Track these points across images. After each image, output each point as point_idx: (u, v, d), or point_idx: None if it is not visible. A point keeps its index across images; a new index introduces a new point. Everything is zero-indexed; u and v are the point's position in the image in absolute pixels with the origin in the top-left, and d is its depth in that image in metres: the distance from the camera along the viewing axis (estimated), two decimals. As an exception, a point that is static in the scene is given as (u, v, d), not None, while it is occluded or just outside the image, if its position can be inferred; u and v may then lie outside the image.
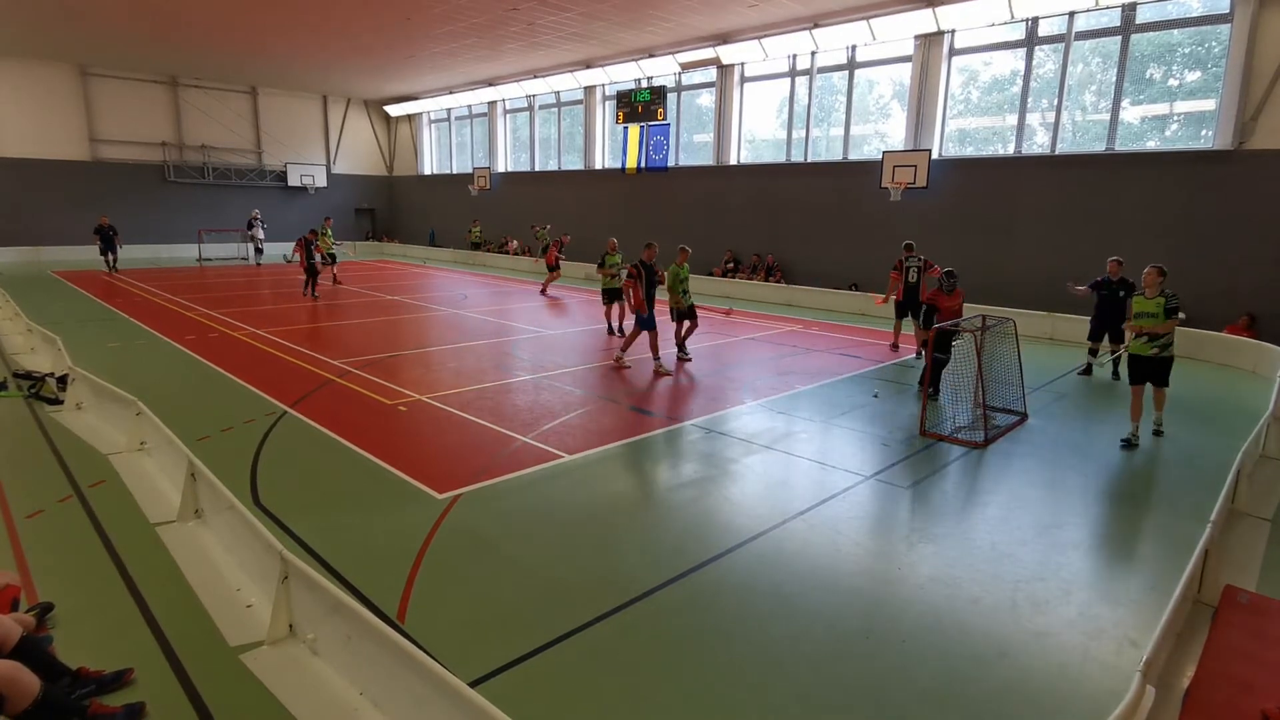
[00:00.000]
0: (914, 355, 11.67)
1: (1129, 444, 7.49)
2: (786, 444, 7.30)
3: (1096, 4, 13.66)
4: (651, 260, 10.31)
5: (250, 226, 25.74)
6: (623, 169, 23.26)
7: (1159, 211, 13.46)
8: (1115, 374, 10.48)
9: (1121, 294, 10.08)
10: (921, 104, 16.45)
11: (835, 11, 16.42)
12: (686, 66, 20.60)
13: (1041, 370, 10.68)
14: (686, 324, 10.84)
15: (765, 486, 6.30)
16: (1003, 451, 7.22)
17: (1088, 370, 10.71)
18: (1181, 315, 7.68)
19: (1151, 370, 7.59)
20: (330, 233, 19.85)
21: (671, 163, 22.10)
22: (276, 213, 30.51)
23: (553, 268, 19.04)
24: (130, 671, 3.54)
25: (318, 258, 17.35)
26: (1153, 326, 7.37)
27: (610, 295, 12.90)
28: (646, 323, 10.21)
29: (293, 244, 21.76)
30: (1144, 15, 13.58)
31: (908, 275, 11.72)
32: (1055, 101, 14.80)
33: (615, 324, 13.03)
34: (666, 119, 21.73)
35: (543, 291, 18.90)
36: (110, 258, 21.73)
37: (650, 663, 3.79)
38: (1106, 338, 10.29)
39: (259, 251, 25.81)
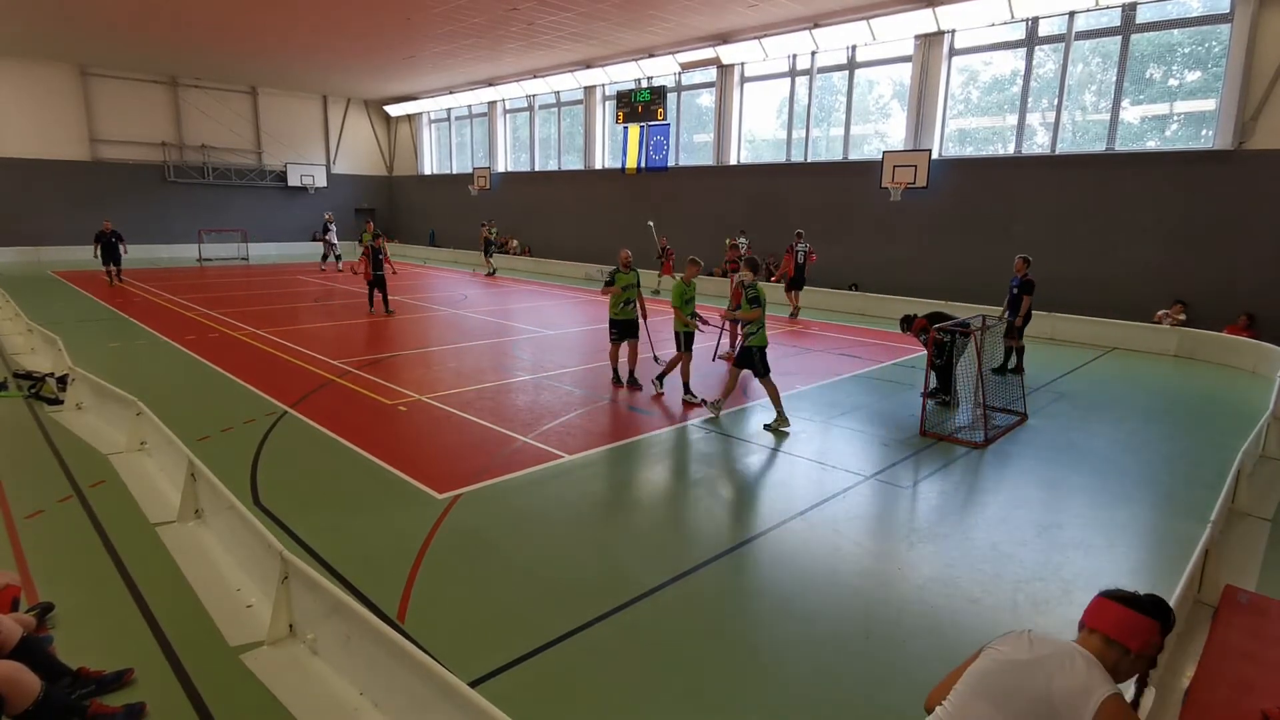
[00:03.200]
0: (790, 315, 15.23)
1: (704, 403, 8.30)
2: (786, 444, 7.30)
3: (1096, 4, 13.65)
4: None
5: (326, 231, 23.33)
6: (623, 169, 23.26)
7: (1159, 211, 13.45)
8: (1018, 366, 10.15)
9: (1015, 291, 10.12)
10: (921, 104, 16.44)
11: (835, 11, 16.42)
12: (686, 66, 20.60)
13: (1041, 370, 10.67)
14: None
15: (765, 486, 6.31)
16: (1002, 451, 7.22)
17: (1000, 369, 9.95)
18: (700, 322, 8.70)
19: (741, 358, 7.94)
20: (371, 237, 19.08)
21: (671, 163, 22.09)
22: (276, 213, 30.58)
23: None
24: (130, 671, 3.54)
25: (386, 267, 15.41)
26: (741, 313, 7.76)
27: (623, 329, 9.19)
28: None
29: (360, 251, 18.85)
30: (1144, 15, 13.57)
31: (797, 256, 15.19)
32: (1055, 101, 14.79)
33: (627, 369, 9.31)
34: (666, 119, 21.72)
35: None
36: (113, 268, 18.68)
37: (650, 663, 3.78)
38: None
39: (337, 258, 23.49)
